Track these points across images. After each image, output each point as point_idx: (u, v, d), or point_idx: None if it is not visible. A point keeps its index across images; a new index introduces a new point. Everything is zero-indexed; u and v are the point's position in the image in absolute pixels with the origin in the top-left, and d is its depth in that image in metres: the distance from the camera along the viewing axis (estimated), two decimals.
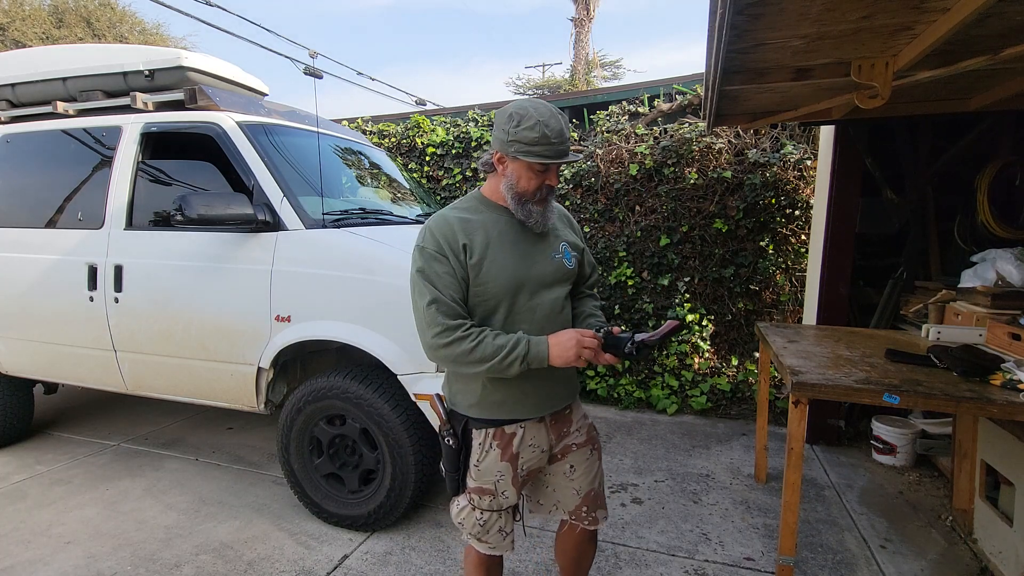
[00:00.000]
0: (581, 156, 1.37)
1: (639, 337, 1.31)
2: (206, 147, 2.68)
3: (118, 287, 2.74)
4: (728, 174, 3.98)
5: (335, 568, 2.21)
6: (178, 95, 2.79)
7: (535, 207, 1.37)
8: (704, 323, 4.12)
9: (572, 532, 1.62)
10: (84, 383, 3.08)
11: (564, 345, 1.30)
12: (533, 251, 1.41)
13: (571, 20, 15.93)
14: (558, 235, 1.49)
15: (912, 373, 1.92)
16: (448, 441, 1.46)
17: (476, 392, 1.43)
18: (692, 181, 4.09)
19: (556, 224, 1.50)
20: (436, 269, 1.31)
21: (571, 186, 4.46)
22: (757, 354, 3.83)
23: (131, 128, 2.84)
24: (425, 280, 1.31)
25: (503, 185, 1.36)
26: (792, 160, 3.91)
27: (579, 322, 1.55)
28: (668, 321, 1.44)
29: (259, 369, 2.53)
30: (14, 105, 3.28)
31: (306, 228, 2.45)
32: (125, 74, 2.92)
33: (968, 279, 2.65)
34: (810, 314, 3.55)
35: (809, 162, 3.89)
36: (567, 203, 4.47)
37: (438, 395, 1.52)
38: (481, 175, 1.44)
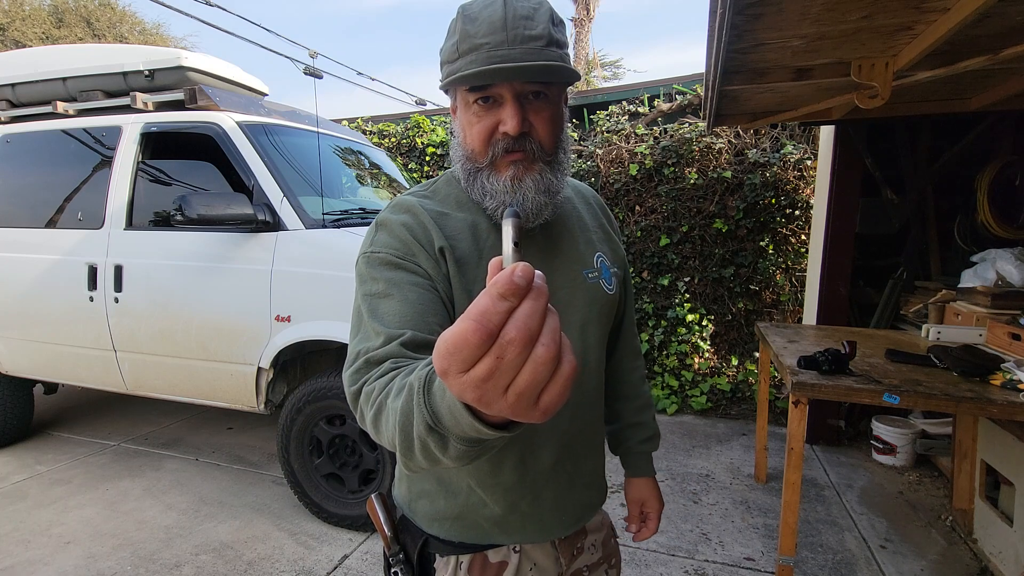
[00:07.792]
0: (562, 64, 0.65)
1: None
2: (206, 147, 2.68)
3: (118, 287, 2.74)
4: (728, 174, 3.98)
5: (335, 568, 2.21)
6: (178, 95, 2.79)
7: (491, 179, 0.72)
8: (704, 323, 4.12)
9: None
10: (84, 383, 3.08)
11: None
12: (545, 269, 0.76)
13: (571, 20, 15.91)
14: (591, 240, 0.86)
15: (912, 373, 1.92)
16: (395, 573, 0.85)
17: (452, 492, 0.82)
18: (692, 181, 4.09)
19: (585, 220, 0.87)
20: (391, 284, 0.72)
21: None
22: (757, 354, 3.83)
23: (131, 128, 2.84)
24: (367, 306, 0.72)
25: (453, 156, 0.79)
26: (792, 160, 3.91)
27: (621, 433, 1.01)
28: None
29: (259, 369, 2.53)
30: (14, 105, 3.28)
31: (306, 228, 2.46)
32: (125, 74, 2.92)
33: (968, 279, 2.65)
34: (810, 314, 3.55)
35: (809, 162, 3.89)
36: None
37: (379, 494, 0.89)
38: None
